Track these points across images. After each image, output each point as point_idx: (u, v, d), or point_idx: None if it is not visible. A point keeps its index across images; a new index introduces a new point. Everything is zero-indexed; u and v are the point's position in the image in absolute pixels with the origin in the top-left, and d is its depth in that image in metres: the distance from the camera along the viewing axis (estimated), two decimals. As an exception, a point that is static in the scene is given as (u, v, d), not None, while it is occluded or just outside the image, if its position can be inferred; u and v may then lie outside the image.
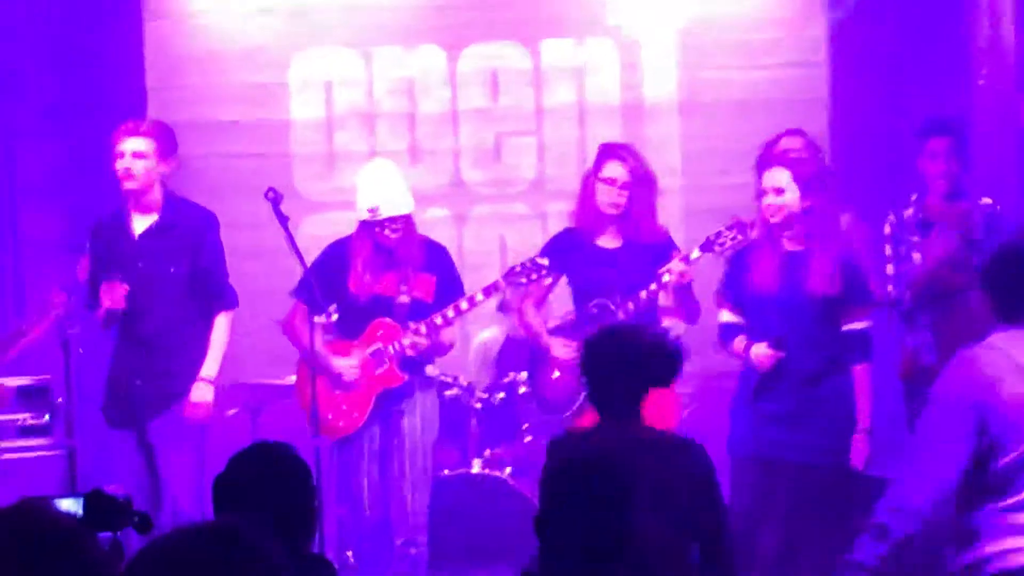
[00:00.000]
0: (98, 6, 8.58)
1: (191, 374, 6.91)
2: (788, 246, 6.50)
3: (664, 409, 6.30)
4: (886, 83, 8.27)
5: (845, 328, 6.42)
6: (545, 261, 7.08)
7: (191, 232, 6.94)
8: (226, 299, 7.00)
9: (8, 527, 2.58)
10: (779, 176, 6.54)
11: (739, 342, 6.46)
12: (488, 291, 7.07)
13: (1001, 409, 4.57)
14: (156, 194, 6.84)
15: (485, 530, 7.37)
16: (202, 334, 6.93)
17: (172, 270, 6.87)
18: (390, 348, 7.04)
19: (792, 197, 6.49)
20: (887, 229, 7.20)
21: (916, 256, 7.14)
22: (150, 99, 8.42)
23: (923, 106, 7.83)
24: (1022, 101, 7.87)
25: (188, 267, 6.90)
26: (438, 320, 6.97)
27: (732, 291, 6.66)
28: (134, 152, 6.71)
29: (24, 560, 2.50)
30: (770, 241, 6.56)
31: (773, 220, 6.51)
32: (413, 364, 7.12)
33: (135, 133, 6.80)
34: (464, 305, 7.03)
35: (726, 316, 6.73)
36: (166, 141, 6.82)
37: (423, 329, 7.01)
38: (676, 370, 4.87)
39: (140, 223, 6.83)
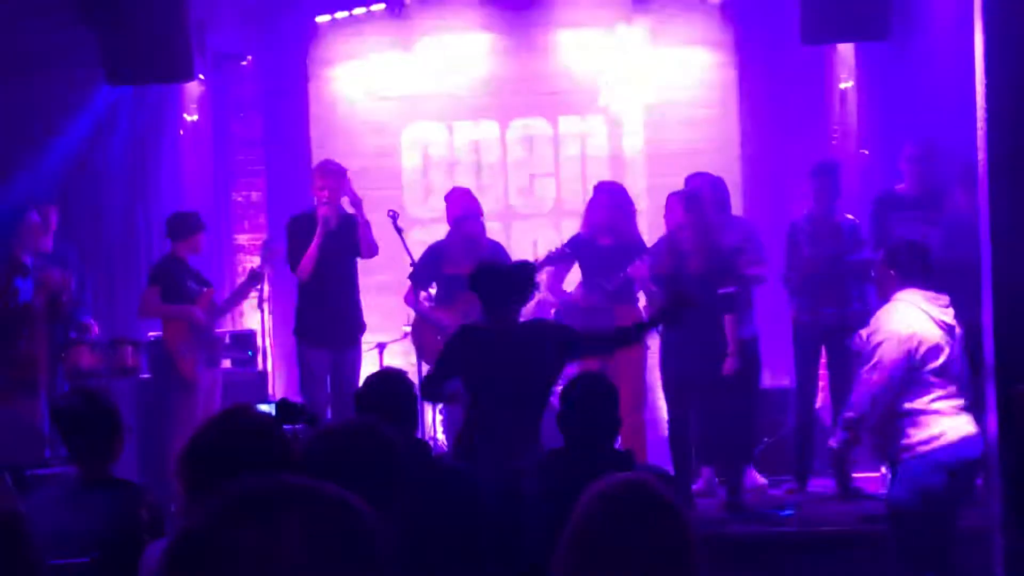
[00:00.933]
0: (284, 98, 10.67)
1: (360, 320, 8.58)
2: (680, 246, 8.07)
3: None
4: (773, 139, 10.23)
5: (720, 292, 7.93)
6: (563, 245, 8.62)
7: (349, 225, 8.55)
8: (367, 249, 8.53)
9: (227, 420, 3.07)
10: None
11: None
12: (541, 263, 8.34)
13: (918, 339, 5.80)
14: (335, 207, 8.52)
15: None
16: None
17: (347, 254, 8.59)
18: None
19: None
20: (788, 232, 8.68)
21: (804, 250, 8.56)
22: (314, 153, 10.35)
23: (798, 154, 9.62)
24: (861, 156, 9.87)
25: (355, 253, 8.60)
26: None
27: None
28: (327, 187, 8.50)
29: (236, 441, 2.94)
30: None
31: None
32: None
33: (328, 172, 8.56)
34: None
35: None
36: (340, 180, 8.54)
37: None
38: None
39: (331, 225, 8.48)
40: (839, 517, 7.61)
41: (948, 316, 6.01)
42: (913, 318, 5.98)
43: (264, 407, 5.09)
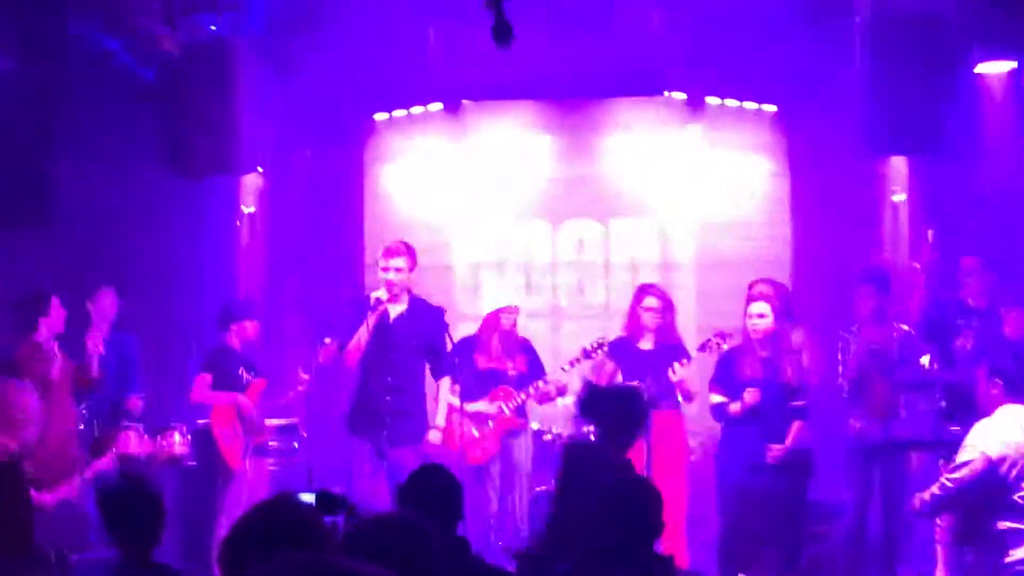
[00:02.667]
0: (340, 192, 10.88)
1: (423, 415, 8.18)
2: (760, 352, 8.16)
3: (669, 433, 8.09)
4: (828, 251, 10.08)
5: (791, 404, 8.09)
6: (605, 340, 8.67)
7: (430, 320, 8.26)
8: (447, 368, 8.27)
9: (269, 509, 3.05)
10: (761, 307, 8.34)
11: (733, 405, 7.98)
12: (573, 362, 8.77)
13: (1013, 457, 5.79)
14: (404, 291, 8.16)
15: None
16: (425, 390, 8.19)
17: (414, 343, 8.20)
18: (511, 404, 8.69)
19: (769, 322, 8.27)
20: (840, 344, 8.63)
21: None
22: (366, 245, 10.55)
23: (851, 263, 9.46)
24: (913, 268, 9.77)
25: (426, 342, 8.27)
26: (540, 384, 8.64)
27: (721, 381, 8.25)
28: (396, 267, 8.17)
29: (277, 530, 2.93)
30: (751, 348, 8.21)
31: (755, 336, 8.25)
32: (523, 415, 8.64)
33: (397, 254, 8.23)
34: (563, 369, 8.74)
35: (715, 399, 8.28)
36: (413, 260, 8.25)
37: (540, 385, 8.71)
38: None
39: (394, 309, 8.20)
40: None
41: None
42: (1012, 435, 5.87)
43: (306, 496, 4.86)
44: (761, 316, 8.14)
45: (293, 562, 1.71)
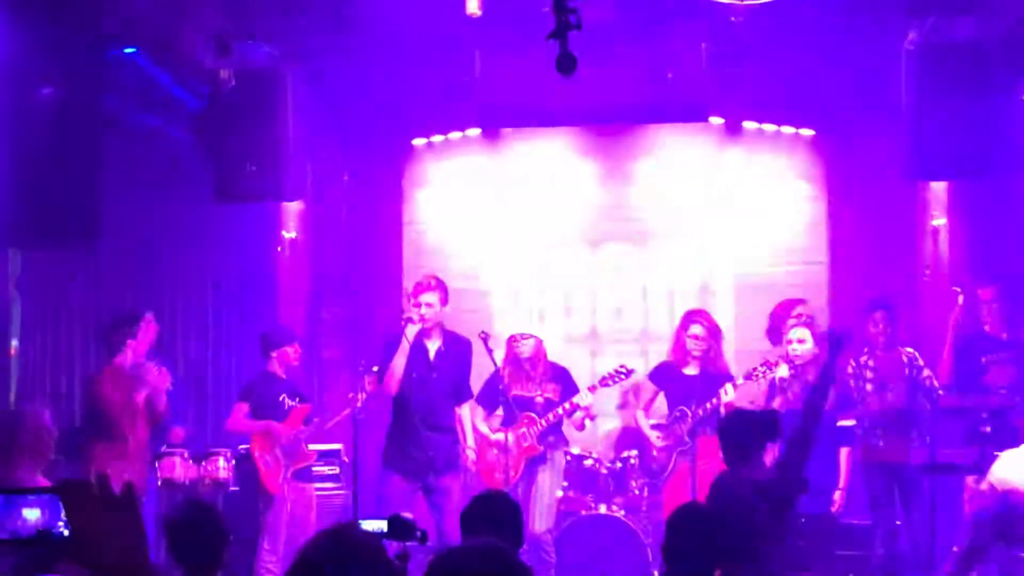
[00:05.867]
0: (378, 217, 10.92)
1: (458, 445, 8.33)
2: (807, 377, 8.07)
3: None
4: (865, 276, 10.13)
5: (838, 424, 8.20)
6: (626, 368, 8.67)
7: (463, 354, 8.39)
8: (468, 394, 8.53)
9: (336, 537, 2.89)
10: (802, 333, 8.45)
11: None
12: (592, 388, 8.72)
13: None
14: (437, 327, 8.24)
15: (606, 549, 8.58)
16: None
17: (450, 379, 8.28)
18: (533, 430, 8.66)
19: (809, 347, 8.35)
20: (849, 370, 8.62)
21: (868, 387, 8.65)
22: (405, 275, 10.55)
23: (889, 289, 9.43)
24: (951, 291, 9.33)
25: (459, 376, 8.37)
26: (560, 409, 8.59)
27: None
28: (428, 303, 8.22)
29: (344, 558, 2.79)
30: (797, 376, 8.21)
31: (798, 362, 8.30)
32: (546, 441, 8.62)
33: (428, 289, 8.23)
34: (578, 399, 8.63)
35: None
36: (444, 295, 8.29)
37: (559, 411, 8.63)
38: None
39: (431, 345, 8.28)
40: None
41: None
42: None
43: (369, 523, 5.14)
44: (801, 342, 8.21)
45: None
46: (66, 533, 2.21)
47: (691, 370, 8.72)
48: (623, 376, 8.77)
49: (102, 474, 2.19)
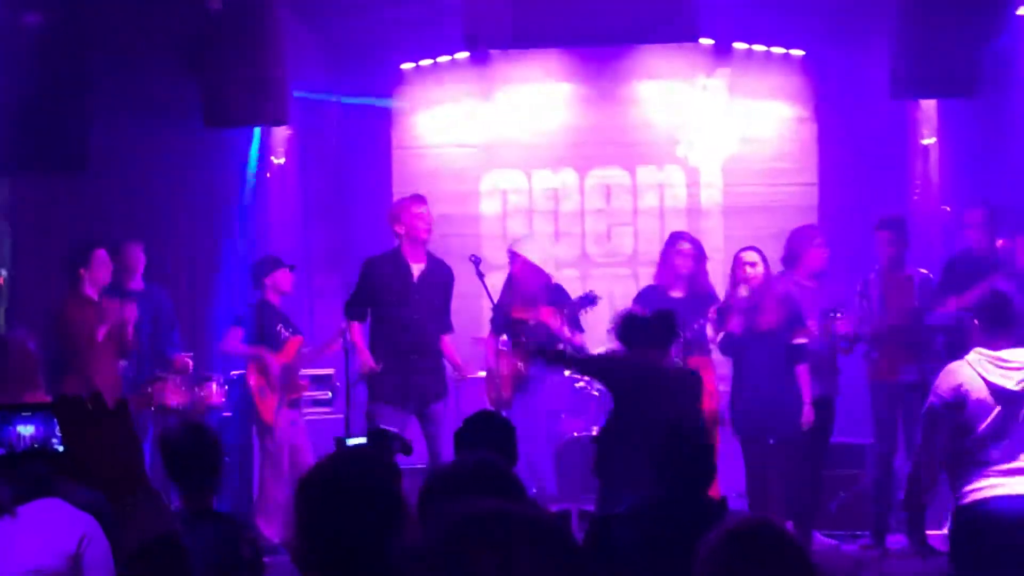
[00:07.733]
0: (367, 142, 10.94)
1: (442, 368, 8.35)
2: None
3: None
4: (855, 197, 10.22)
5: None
6: (594, 294, 8.66)
7: (444, 280, 8.42)
8: (449, 326, 8.53)
9: (343, 457, 3.06)
10: (753, 256, 8.18)
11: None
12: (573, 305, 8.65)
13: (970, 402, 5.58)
14: (422, 249, 8.24)
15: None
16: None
17: (435, 303, 8.35)
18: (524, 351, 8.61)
19: (760, 270, 8.15)
20: (859, 288, 8.71)
21: (873, 306, 8.62)
22: (395, 194, 10.20)
23: (879, 209, 9.35)
24: (941, 210, 9.80)
25: (441, 303, 8.40)
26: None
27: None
28: (431, 216, 8.22)
29: (353, 474, 2.85)
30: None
31: (753, 284, 8.12)
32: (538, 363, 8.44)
33: (425, 203, 8.28)
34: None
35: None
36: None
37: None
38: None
39: (415, 269, 8.26)
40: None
41: (1011, 381, 5.68)
42: (963, 380, 5.74)
43: (353, 440, 5.25)
44: (752, 265, 8.23)
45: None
46: (61, 448, 2.23)
47: (677, 292, 8.66)
48: (592, 302, 8.69)
49: (96, 390, 2.22)
